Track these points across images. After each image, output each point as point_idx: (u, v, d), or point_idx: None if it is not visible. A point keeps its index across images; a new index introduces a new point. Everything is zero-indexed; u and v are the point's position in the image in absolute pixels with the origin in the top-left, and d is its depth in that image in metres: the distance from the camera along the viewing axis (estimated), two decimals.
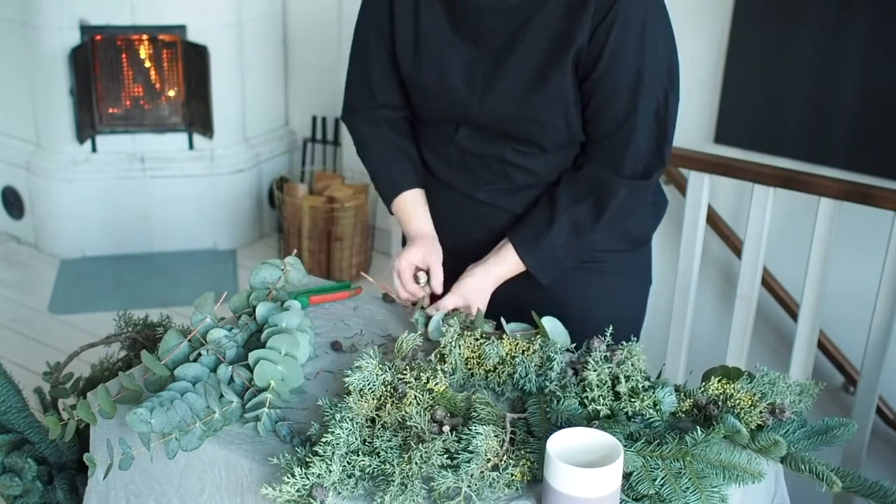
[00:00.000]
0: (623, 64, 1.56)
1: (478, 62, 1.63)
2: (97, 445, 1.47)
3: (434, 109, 1.72)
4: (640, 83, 1.58)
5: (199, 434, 1.32)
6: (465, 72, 1.64)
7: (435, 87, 1.67)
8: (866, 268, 2.82)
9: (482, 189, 1.73)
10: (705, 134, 3.18)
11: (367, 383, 1.37)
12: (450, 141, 1.72)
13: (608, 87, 1.58)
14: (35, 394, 1.75)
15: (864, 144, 2.92)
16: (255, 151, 4.25)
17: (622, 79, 1.57)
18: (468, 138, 1.70)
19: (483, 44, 1.62)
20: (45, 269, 4.02)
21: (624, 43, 1.55)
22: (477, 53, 1.63)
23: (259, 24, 4.09)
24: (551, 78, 1.58)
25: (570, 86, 1.59)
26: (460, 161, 1.74)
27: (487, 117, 1.65)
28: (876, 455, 3.01)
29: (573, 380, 1.40)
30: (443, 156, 1.76)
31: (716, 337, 3.20)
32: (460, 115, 1.68)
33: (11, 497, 1.62)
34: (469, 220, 1.76)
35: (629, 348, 1.41)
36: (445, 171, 1.76)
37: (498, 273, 1.69)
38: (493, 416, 1.35)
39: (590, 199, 1.65)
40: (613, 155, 1.63)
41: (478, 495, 1.21)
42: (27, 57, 3.91)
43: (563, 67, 1.57)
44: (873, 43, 2.84)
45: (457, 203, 1.76)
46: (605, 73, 1.57)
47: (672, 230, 3.31)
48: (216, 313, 1.51)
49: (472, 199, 1.75)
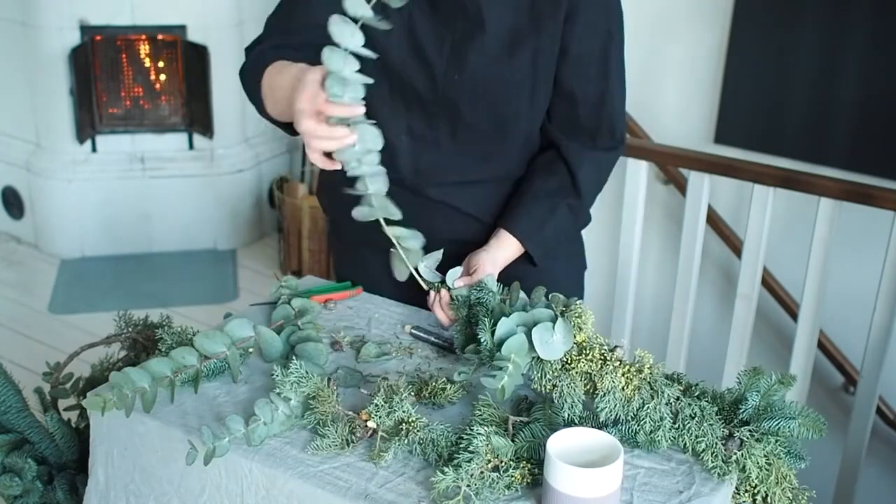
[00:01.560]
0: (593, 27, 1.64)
1: (447, 26, 1.62)
2: (97, 445, 1.47)
3: (392, 81, 1.66)
4: (610, 43, 1.65)
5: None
6: (434, 32, 1.62)
7: (401, 50, 1.63)
8: (866, 268, 2.82)
9: (431, 183, 1.72)
10: (705, 134, 3.18)
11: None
12: (399, 125, 1.69)
13: (584, 38, 1.64)
14: (35, 394, 1.74)
15: (864, 144, 2.92)
16: (255, 151, 4.25)
17: (595, 43, 1.64)
18: (419, 119, 1.68)
19: (454, 8, 1.61)
20: (45, 269, 4.02)
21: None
22: (447, 14, 1.61)
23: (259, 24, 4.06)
24: (524, 43, 1.61)
25: (544, 54, 1.62)
26: (409, 149, 1.70)
27: (452, 82, 1.63)
28: (876, 455, 3.01)
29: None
30: (389, 143, 1.62)
31: (716, 337, 3.20)
32: (421, 83, 1.65)
33: (11, 497, 1.62)
34: (417, 222, 1.61)
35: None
36: (393, 163, 1.66)
37: (503, 258, 1.69)
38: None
39: (582, 179, 1.71)
40: (593, 130, 1.70)
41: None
42: (27, 57, 3.91)
43: (538, 28, 1.60)
44: (873, 43, 2.84)
45: (404, 203, 1.62)
46: (578, 36, 1.63)
47: (672, 230, 3.31)
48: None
49: (423, 196, 1.73)
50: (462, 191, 1.74)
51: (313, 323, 1.60)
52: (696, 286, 2.89)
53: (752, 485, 1.31)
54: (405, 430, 1.31)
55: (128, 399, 1.36)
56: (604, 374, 1.35)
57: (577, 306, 1.41)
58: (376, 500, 1.24)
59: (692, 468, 1.32)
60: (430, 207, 1.73)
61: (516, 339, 1.39)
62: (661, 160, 2.91)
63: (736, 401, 1.39)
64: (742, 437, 1.32)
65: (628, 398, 1.34)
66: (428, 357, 1.58)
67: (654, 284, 3.42)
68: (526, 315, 1.44)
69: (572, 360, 1.37)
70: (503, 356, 1.38)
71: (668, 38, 3.16)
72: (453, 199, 1.74)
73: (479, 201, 1.75)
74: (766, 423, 1.34)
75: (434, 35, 1.62)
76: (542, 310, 1.45)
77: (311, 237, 3.91)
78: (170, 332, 1.58)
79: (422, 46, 1.63)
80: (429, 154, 1.71)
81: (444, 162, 1.71)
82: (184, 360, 1.43)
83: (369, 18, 1.26)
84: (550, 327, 1.38)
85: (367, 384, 1.48)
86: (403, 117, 1.69)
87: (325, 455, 1.32)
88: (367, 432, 1.33)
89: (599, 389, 1.35)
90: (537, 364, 1.39)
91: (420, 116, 1.69)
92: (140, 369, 1.39)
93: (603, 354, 1.37)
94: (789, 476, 1.33)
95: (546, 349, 1.38)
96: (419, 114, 1.69)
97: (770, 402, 1.36)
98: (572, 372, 1.36)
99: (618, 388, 1.34)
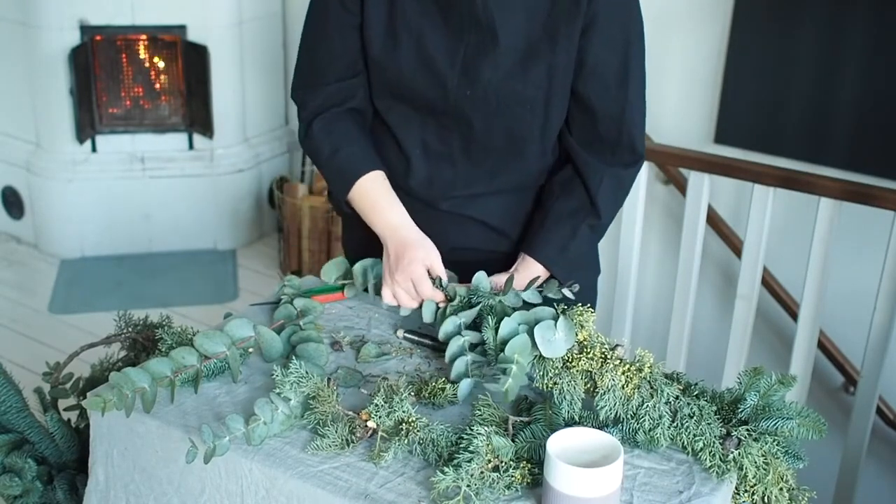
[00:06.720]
0: (612, 29, 1.60)
1: (460, 39, 1.59)
2: (97, 445, 1.48)
3: (404, 96, 1.66)
4: (630, 54, 1.62)
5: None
6: (446, 46, 1.60)
7: (411, 65, 1.62)
8: (866, 268, 2.82)
9: (444, 196, 1.71)
10: (705, 134, 3.18)
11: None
12: (413, 139, 1.69)
13: (601, 50, 1.60)
14: (35, 394, 1.74)
15: (864, 144, 2.92)
16: (255, 151, 4.25)
17: (613, 44, 1.61)
18: (433, 133, 1.68)
19: (467, 21, 1.58)
20: (45, 269, 4.02)
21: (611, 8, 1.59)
22: (459, 28, 1.59)
23: (259, 24, 4.09)
24: (539, 57, 1.58)
25: (559, 68, 1.59)
26: (423, 163, 1.70)
27: (464, 97, 1.61)
28: (876, 455, 3.01)
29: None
30: (404, 155, 1.70)
31: (716, 337, 3.20)
32: (434, 98, 1.63)
33: (11, 497, 1.62)
34: (430, 235, 1.66)
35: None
36: (405, 175, 1.71)
37: (525, 279, 1.66)
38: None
39: (601, 199, 1.67)
40: (613, 144, 1.66)
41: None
42: (27, 57, 3.91)
43: (553, 42, 1.57)
44: (873, 43, 2.84)
45: (417, 214, 1.69)
46: (595, 39, 1.59)
47: (672, 230, 3.31)
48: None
49: (435, 209, 1.72)
50: (475, 202, 1.72)
51: (314, 323, 1.60)
52: (696, 286, 2.89)
53: (750, 484, 1.32)
54: (405, 430, 1.31)
55: (128, 399, 1.36)
56: (604, 372, 1.35)
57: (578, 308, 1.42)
58: (376, 500, 1.24)
59: (692, 468, 1.32)
60: (443, 219, 1.72)
61: (519, 339, 1.40)
62: (661, 160, 2.91)
63: (735, 400, 1.39)
64: (740, 436, 1.32)
65: (628, 397, 1.34)
66: (428, 357, 1.58)
67: (654, 284, 3.42)
68: (527, 314, 1.44)
69: (573, 358, 1.38)
70: (507, 357, 1.39)
71: (668, 38, 3.16)
72: (466, 210, 1.73)
73: (493, 211, 1.74)
74: (763, 423, 1.34)
75: (445, 49, 1.60)
76: (544, 308, 1.45)
77: (310, 237, 3.91)
78: (170, 332, 1.58)
79: (433, 60, 1.60)
80: (442, 168, 1.70)
81: (457, 176, 1.70)
82: (184, 360, 1.43)
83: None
84: (552, 325, 1.39)
85: (367, 384, 1.48)
86: (417, 131, 1.69)
87: (325, 455, 1.32)
88: (367, 432, 1.33)
89: (599, 388, 1.35)
90: (539, 362, 1.39)
91: (434, 131, 1.68)
92: (140, 369, 1.39)
93: (604, 353, 1.37)
94: (787, 476, 1.34)
95: (548, 347, 1.38)
96: (433, 128, 1.68)
97: (768, 402, 1.37)
98: (573, 370, 1.37)
99: (618, 386, 1.34)
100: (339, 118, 1.69)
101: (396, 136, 1.70)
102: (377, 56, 1.64)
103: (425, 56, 1.61)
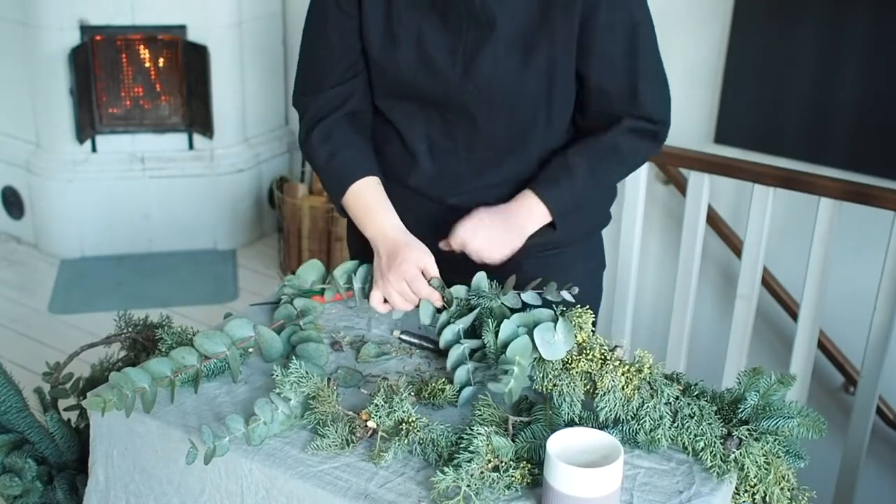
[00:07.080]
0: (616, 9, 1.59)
1: (458, 36, 1.60)
2: (97, 445, 1.48)
3: (407, 94, 1.66)
4: (637, 32, 1.62)
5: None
6: (445, 44, 1.60)
7: (411, 64, 1.62)
8: (866, 268, 2.82)
9: (452, 191, 1.71)
10: (705, 134, 3.18)
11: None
12: (418, 134, 1.69)
13: (605, 35, 1.60)
14: (35, 394, 1.74)
15: (864, 144, 2.92)
16: (255, 151, 4.25)
17: (618, 25, 1.60)
18: (437, 129, 1.68)
19: (465, 17, 1.58)
20: (45, 269, 4.02)
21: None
22: (458, 24, 1.59)
23: (259, 24, 4.09)
24: (538, 49, 1.58)
25: (559, 59, 1.59)
26: (429, 158, 1.70)
27: (466, 93, 1.62)
28: (876, 455, 3.01)
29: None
30: (410, 152, 1.71)
31: (716, 337, 3.20)
32: (436, 95, 1.64)
33: (11, 497, 1.62)
34: (437, 231, 1.67)
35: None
36: (411, 172, 1.71)
37: (516, 223, 1.66)
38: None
39: (603, 143, 1.67)
40: (621, 105, 1.65)
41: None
42: (27, 57, 3.91)
43: (552, 32, 1.57)
44: (873, 43, 2.84)
45: (424, 211, 1.71)
46: (602, 22, 1.59)
47: (672, 230, 3.31)
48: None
49: (442, 204, 1.72)
50: (482, 195, 1.72)
51: (314, 323, 1.60)
52: (696, 286, 2.89)
53: (751, 484, 1.32)
54: (405, 430, 1.31)
55: (128, 399, 1.36)
56: (604, 373, 1.35)
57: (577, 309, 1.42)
58: (376, 500, 1.24)
59: (692, 468, 1.32)
60: (450, 214, 1.71)
61: (520, 341, 1.40)
62: (661, 160, 2.91)
63: (735, 400, 1.39)
64: (740, 436, 1.32)
65: (628, 397, 1.34)
66: (428, 357, 1.58)
67: (654, 284, 3.42)
68: (526, 316, 1.45)
69: (573, 359, 1.38)
70: (508, 359, 1.39)
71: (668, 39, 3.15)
72: (473, 203, 1.72)
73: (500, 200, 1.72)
74: (764, 423, 1.34)
75: (445, 47, 1.60)
76: (543, 310, 1.45)
77: (310, 237, 3.91)
78: (170, 332, 1.58)
79: (433, 59, 1.61)
80: (449, 162, 1.70)
81: (464, 170, 1.70)
82: (184, 360, 1.43)
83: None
84: (552, 327, 1.39)
85: (367, 384, 1.48)
86: (422, 127, 1.69)
87: (325, 455, 1.32)
88: (367, 432, 1.33)
89: (599, 389, 1.35)
90: (539, 364, 1.39)
91: (439, 126, 1.68)
92: (140, 369, 1.39)
93: (603, 354, 1.37)
94: (788, 475, 1.34)
95: (548, 349, 1.38)
96: (438, 123, 1.68)
97: (769, 402, 1.37)
98: (573, 371, 1.37)
99: (618, 387, 1.34)
100: (339, 123, 1.70)
101: (401, 133, 1.71)
102: (377, 57, 1.65)
103: (425, 55, 1.61)
